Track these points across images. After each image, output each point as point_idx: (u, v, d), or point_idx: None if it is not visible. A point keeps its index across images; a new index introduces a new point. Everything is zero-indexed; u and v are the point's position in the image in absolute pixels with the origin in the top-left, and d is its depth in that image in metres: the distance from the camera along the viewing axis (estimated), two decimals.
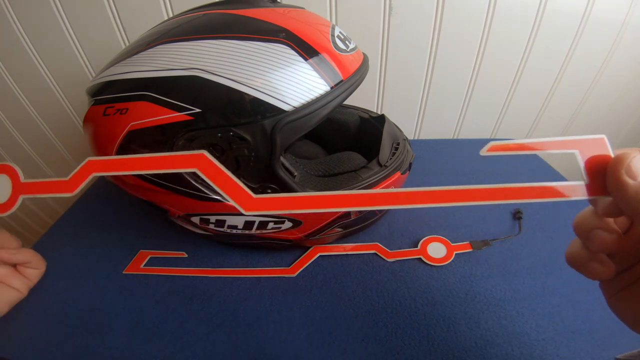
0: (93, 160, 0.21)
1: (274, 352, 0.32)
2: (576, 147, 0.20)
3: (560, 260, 0.41)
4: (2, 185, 0.22)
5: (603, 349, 0.31)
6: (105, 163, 0.21)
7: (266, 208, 0.19)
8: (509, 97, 0.67)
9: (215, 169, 0.19)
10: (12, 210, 0.22)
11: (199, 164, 0.19)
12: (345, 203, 0.19)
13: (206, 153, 0.19)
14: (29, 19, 0.55)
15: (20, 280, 0.27)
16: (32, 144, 0.72)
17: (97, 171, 0.21)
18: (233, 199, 0.19)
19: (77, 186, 0.21)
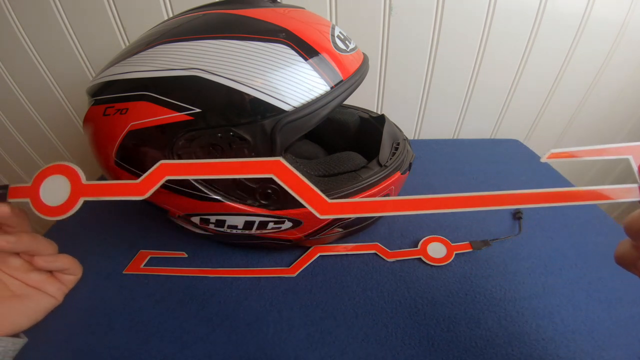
0: (166, 164, 0.20)
1: (274, 352, 0.32)
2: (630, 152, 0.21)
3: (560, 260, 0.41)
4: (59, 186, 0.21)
5: (603, 349, 0.31)
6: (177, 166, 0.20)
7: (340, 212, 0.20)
8: (509, 97, 0.67)
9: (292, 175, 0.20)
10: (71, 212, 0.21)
11: (275, 170, 0.19)
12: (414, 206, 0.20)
13: (282, 160, 0.19)
14: (29, 19, 0.55)
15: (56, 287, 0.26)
16: (32, 144, 0.72)
17: (169, 174, 0.20)
18: (309, 204, 0.20)
19: (149, 189, 0.20)
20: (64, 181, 0.21)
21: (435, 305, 0.36)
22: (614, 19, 0.58)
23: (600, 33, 0.59)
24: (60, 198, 0.21)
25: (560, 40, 0.60)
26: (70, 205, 0.21)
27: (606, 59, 0.63)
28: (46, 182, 0.21)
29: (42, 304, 0.25)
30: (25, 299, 0.24)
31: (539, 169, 0.61)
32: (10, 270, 0.24)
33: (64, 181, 0.21)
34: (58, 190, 0.21)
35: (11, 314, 0.23)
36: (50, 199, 0.21)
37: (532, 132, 0.74)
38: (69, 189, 0.21)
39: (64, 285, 0.26)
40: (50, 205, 0.21)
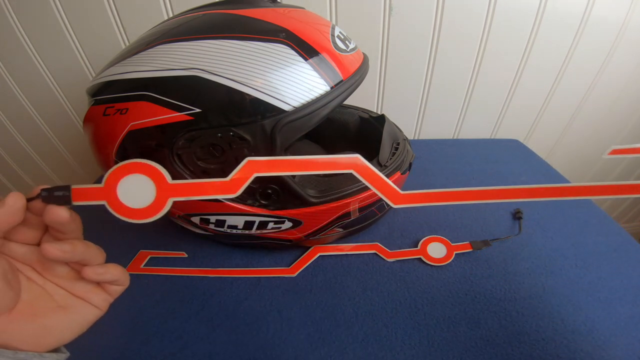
0: (253, 161, 0.20)
1: (274, 352, 0.32)
2: None
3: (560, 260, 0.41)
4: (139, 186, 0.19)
5: (603, 349, 0.31)
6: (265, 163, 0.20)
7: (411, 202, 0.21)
8: (509, 97, 0.67)
9: (369, 170, 0.21)
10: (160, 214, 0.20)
11: (355, 167, 0.21)
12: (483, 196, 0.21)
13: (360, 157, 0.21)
14: (29, 19, 0.55)
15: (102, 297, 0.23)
16: (32, 143, 0.72)
17: (258, 171, 0.20)
18: (384, 195, 0.21)
19: (239, 187, 0.20)
20: (144, 181, 0.19)
21: (435, 305, 0.36)
22: (614, 18, 0.58)
23: (600, 33, 0.59)
24: (144, 200, 0.20)
25: (560, 40, 0.60)
26: (159, 206, 0.20)
27: (606, 58, 0.63)
28: (122, 182, 0.19)
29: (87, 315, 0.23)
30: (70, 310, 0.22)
31: (539, 169, 0.61)
32: (56, 278, 0.22)
33: (145, 181, 0.19)
34: (139, 191, 0.19)
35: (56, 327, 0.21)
36: (130, 201, 0.20)
37: (532, 132, 0.74)
38: (154, 189, 0.19)
39: (109, 296, 0.24)
40: (132, 207, 0.20)
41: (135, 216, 0.20)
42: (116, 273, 0.24)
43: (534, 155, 0.66)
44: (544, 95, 0.68)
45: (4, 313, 0.19)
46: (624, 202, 0.94)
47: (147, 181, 0.19)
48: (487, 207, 0.49)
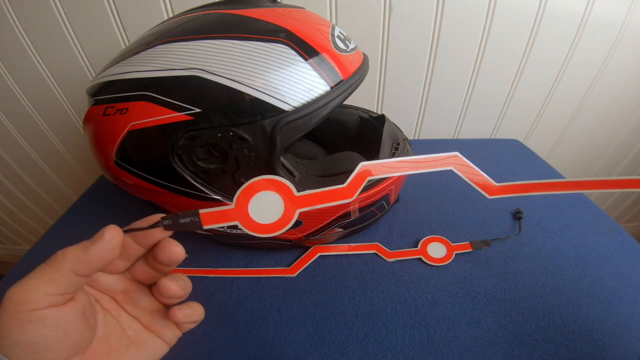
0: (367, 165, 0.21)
1: (274, 352, 0.32)
2: None
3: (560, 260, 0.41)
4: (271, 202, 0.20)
5: (603, 349, 0.31)
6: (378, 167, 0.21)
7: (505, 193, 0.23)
8: (509, 97, 0.67)
9: (468, 166, 0.22)
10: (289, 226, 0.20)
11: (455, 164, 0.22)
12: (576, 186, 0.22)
13: (459, 154, 0.22)
14: (29, 19, 0.55)
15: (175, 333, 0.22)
16: (31, 143, 0.72)
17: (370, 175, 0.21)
18: (480, 188, 0.22)
19: (355, 191, 0.21)
20: (273, 197, 0.20)
21: (435, 305, 0.36)
22: (614, 19, 0.58)
23: (600, 33, 0.59)
24: (274, 214, 0.20)
25: (560, 40, 0.60)
26: (288, 218, 0.20)
27: (606, 59, 0.63)
28: (253, 200, 0.20)
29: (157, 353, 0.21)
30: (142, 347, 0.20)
31: (539, 169, 0.61)
32: (136, 311, 0.21)
33: (274, 196, 0.20)
34: (269, 207, 0.20)
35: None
36: (261, 217, 0.20)
37: (532, 132, 0.74)
38: (282, 203, 0.20)
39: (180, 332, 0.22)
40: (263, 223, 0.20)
41: (267, 231, 0.20)
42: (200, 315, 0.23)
43: (534, 155, 0.66)
44: (544, 95, 0.68)
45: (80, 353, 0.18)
46: (624, 202, 0.94)
47: (276, 197, 0.20)
48: (487, 207, 0.49)
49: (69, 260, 0.16)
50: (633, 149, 0.80)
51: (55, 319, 0.16)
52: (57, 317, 0.16)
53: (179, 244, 0.19)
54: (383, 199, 0.39)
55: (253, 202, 0.20)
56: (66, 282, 0.16)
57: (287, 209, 0.20)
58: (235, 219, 0.20)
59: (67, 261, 0.16)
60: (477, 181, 0.22)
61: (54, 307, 0.16)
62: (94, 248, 0.17)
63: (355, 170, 0.21)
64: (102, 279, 0.20)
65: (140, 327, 0.21)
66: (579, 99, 0.69)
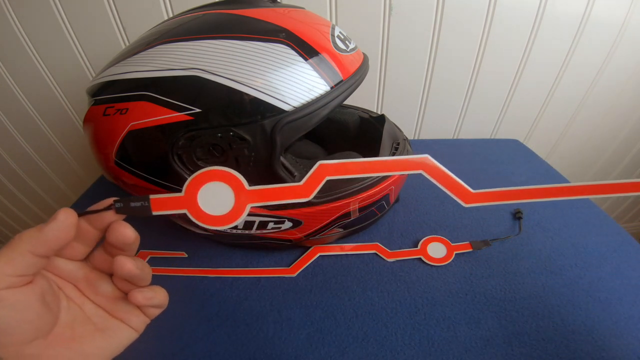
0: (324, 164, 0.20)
1: (274, 352, 0.32)
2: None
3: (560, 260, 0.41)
4: (219, 194, 0.20)
5: (603, 349, 0.31)
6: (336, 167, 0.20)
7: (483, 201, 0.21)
8: (509, 97, 0.67)
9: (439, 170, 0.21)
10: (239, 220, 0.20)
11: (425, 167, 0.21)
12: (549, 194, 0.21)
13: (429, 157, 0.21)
14: (29, 19, 0.55)
15: (141, 319, 0.22)
16: (31, 143, 0.72)
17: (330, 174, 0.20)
18: (454, 194, 0.21)
19: (313, 191, 0.20)
20: (224, 188, 0.20)
21: (435, 305, 0.36)
22: (614, 19, 0.58)
23: (600, 33, 0.59)
24: (224, 207, 0.20)
25: (560, 41, 0.60)
26: (237, 212, 0.20)
27: (606, 58, 0.63)
28: (202, 190, 0.20)
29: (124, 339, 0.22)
30: (108, 333, 0.21)
31: (539, 169, 0.61)
32: (98, 297, 0.21)
33: (224, 188, 0.20)
34: (219, 199, 0.20)
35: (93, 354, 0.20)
36: (210, 208, 0.20)
37: (532, 132, 0.74)
38: (233, 196, 0.20)
39: (147, 318, 0.23)
40: (213, 214, 0.20)
41: (216, 223, 0.20)
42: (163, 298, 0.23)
43: (534, 155, 0.66)
44: (544, 95, 0.68)
45: (41, 337, 0.18)
46: (624, 202, 0.94)
47: (226, 188, 0.20)
48: (487, 207, 0.49)
49: (26, 241, 0.17)
50: (633, 149, 0.80)
51: (14, 300, 0.16)
52: (15, 298, 0.16)
53: (129, 226, 0.20)
54: (383, 199, 0.39)
55: (203, 192, 0.20)
56: (24, 263, 0.17)
57: (237, 202, 0.20)
58: (184, 207, 0.20)
59: (23, 242, 0.17)
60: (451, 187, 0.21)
61: (12, 289, 0.16)
62: (49, 227, 0.17)
63: (312, 168, 0.20)
64: (63, 266, 0.20)
65: (105, 314, 0.21)
66: (578, 99, 0.69)
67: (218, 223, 0.20)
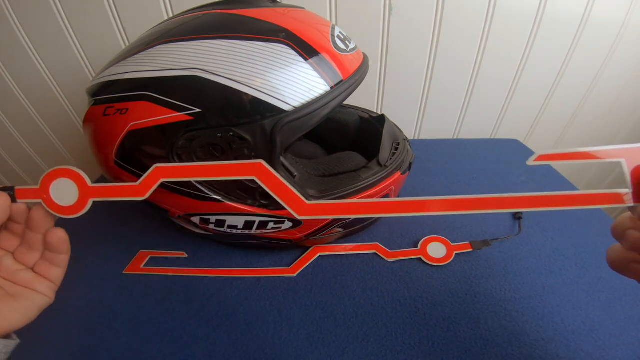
0: (160, 167, 0.22)
1: (274, 352, 0.32)
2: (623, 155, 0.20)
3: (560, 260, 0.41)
4: (68, 189, 0.23)
5: (603, 349, 0.31)
6: (170, 170, 0.22)
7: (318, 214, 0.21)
8: (509, 97, 0.67)
9: (272, 177, 0.21)
10: (83, 212, 0.23)
11: (257, 173, 0.21)
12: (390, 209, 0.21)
13: (263, 162, 0.21)
14: (29, 19, 0.55)
15: (45, 284, 0.25)
16: (32, 144, 0.72)
17: (164, 177, 0.22)
18: (288, 205, 0.21)
19: (147, 191, 0.22)
20: (71, 184, 0.23)
21: (435, 305, 0.36)
22: (614, 18, 0.58)
23: (600, 33, 0.59)
24: (70, 199, 0.23)
25: (560, 40, 0.60)
26: (81, 205, 0.23)
27: (606, 58, 0.63)
28: (55, 184, 0.23)
29: (35, 302, 0.25)
30: (19, 297, 0.24)
31: (538, 169, 0.61)
32: (3, 271, 0.24)
33: (71, 184, 0.23)
34: (67, 192, 0.23)
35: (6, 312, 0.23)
36: (61, 200, 0.23)
37: (532, 132, 0.74)
38: (77, 191, 0.23)
39: (53, 283, 0.26)
40: (63, 205, 0.23)
41: (65, 213, 0.23)
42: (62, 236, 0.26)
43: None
44: (544, 95, 0.68)
45: None
46: None
47: (72, 184, 0.23)
48: None
49: None
50: None
51: None
52: None
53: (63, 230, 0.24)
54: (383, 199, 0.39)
55: (55, 187, 0.23)
56: None
57: (81, 196, 0.23)
58: (40, 197, 0.23)
59: None
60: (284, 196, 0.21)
61: None
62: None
63: (148, 170, 0.22)
64: None
65: (12, 284, 0.24)
66: (579, 99, 0.69)
67: (66, 213, 0.23)
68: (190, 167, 0.22)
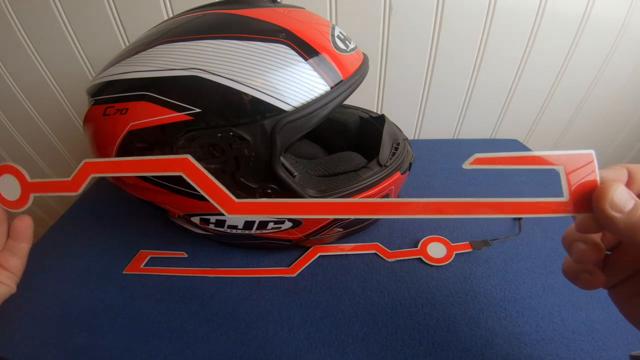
0: (89, 162, 0.23)
1: (274, 352, 0.32)
2: (562, 162, 0.19)
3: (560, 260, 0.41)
4: (11, 184, 0.24)
5: (603, 349, 0.31)
6: (101, 165, 0.23)
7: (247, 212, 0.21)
8: (509, 97, 0.67)
9: (199, 173, 0.20)
10: (26, 206, 0.24)
11: (184, 168, 0.20)
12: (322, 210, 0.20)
13: (190, 157, 0.20)
14: (29, 19, 0.55)
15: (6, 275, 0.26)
16: (32, 144, 0.72)
17: (94, 172, 0.23)
18: (216, 202, 0.20)
19: (80, 186, 0.23)
20: (13, 180, 0.24)
21: (435, 305, 0.36)
22: (614, 18, 0.58)
23: (600, 33, 0.59)
24: (14, 194, 0.24)
25: (560, 40, 0.60)
26: (24, 200, 0.24)
27: (606, 58, 0.63)
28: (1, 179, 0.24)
29: None
30: None
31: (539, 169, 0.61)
32: None
33: (13, 180, 0.24)
34: (12, 187, 0.24)
35: None
36: (8, 195, 0.24)
37: (532, 132, 0.74)
38: (19, 187, 0.24)
39: (13, 275, 0.26)
40: (9, 200, 0.24)
41: (12, 207, 0.25)
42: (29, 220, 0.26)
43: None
44: (544, 95, 0.68)
45: None
46: None
47: (14, 180, 0.24)
48: None
49: None
50: (633, 150, 0.80)
51: None
52: None
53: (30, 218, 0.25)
54: None
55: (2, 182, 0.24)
56: None
57: (23, 191, 0.24)
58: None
59: None
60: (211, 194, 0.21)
61: None
62: None
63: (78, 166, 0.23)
64: None
65: None
66: (578, 99, 0.69)
67: (13, 207, 0.24)
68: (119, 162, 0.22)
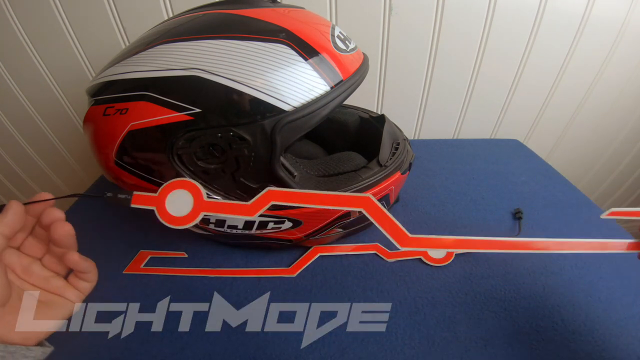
0: (272, 191, 0.23)
1: (274, 352, 0.32)
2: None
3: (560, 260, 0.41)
4: (184, 200, 0.24)
5: (603, 349, 0.31)
6: (283, 194, 0.23)
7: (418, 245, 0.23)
8: (509, 97, 0.67)
9: (379, 211, 0.23)
10: (192, 224, 0.24)
11: (365, 205, 0.22)
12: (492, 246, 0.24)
13: (372, 197, 0.23)
14: (29, 19, 0.55)
15: (75, 293, 0.26)
16: (32, 144, 0.72)
17: (275, 200, 0.23)
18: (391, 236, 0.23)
19: (257, 211, 0.24)
20: (187, 195, 0.24)
21: (435, 305, 0.36)
22: (614, 18, 0.58)
23: (600, 33, 0.59)
24: (182, 210, 0.24)
25: (560, 40, 0.60)
26: (192, 217, 0.24)
27: (606, 58, 0.63)
28: (171, 194, 0.24)
29: (66, 308, 0.25)
30: (51, 305, 0.24)
31: (539, 169, 0.61)
32: (33, 279, 0.24)
33: (187, 196, 0.24)
34: (181, 203, 0.24)
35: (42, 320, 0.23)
36: (173, 210, 0.24)
37: (532, 132, 0.74)
38: (192, 203, 0.24)
39: (81, 293, 0.26)
40: (173, 215, 0.24)
41: (173, 223, 0.24)
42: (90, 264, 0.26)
43: (534, 155, 0.66)
44: (544, 95, 0.68)
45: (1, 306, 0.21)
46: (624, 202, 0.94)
47: (189, 196, 0.24)
48: (487, 207, 0.49)
49: None
50: (633, 149, 0.80)
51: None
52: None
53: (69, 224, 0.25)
54: (383, 199, 0.39)
55: (171, 196, 0.24)
56: None
57: (194, 209, 0.24)
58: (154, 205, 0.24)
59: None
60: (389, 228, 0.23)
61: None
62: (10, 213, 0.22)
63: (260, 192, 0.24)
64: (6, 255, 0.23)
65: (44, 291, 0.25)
66: (579, 99, 0.69)
67: (175, 223, 0.24)
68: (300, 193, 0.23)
